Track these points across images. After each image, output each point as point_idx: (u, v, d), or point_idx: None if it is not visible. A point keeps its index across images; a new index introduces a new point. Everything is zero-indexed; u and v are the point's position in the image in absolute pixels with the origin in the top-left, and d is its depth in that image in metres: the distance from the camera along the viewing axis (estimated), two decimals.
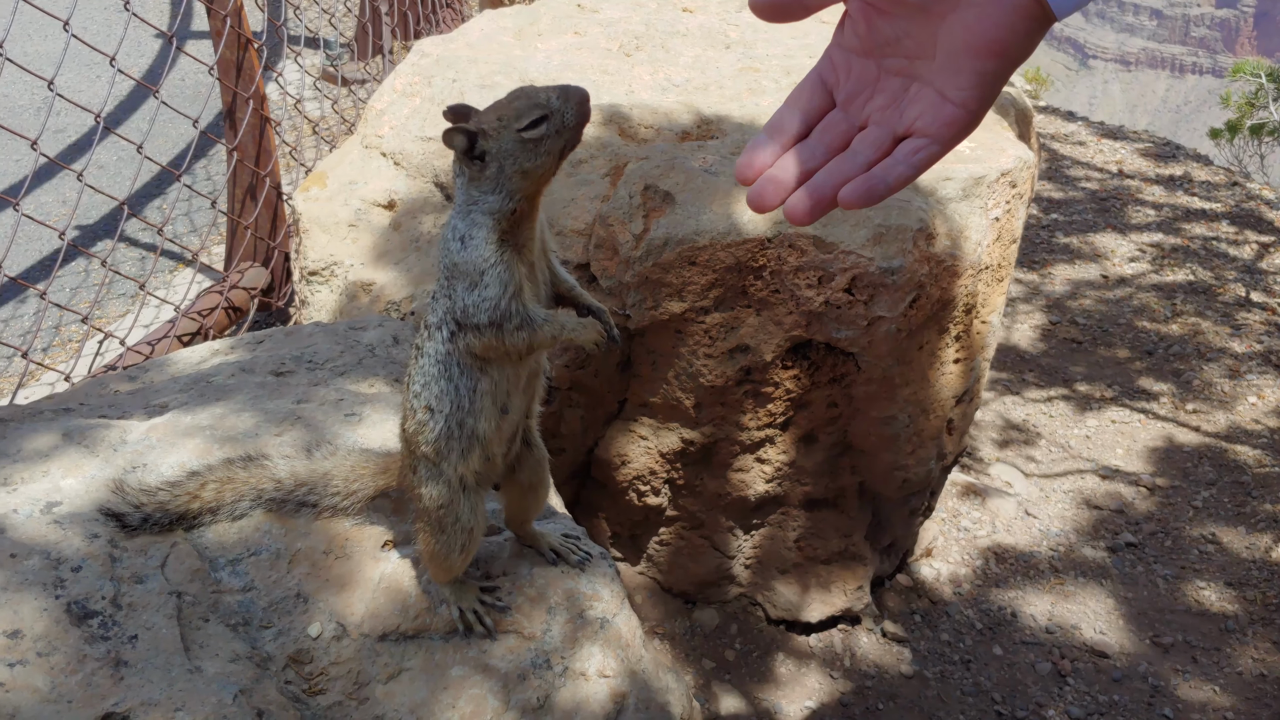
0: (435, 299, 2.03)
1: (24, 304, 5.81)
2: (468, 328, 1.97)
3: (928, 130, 1.23)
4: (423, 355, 2.05)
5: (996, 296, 4.08)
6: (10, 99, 7.87)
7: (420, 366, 2.06)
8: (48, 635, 2.00)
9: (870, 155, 1.26)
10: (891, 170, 1.24)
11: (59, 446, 2.45)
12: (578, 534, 2.54)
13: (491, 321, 1.95)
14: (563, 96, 1.88)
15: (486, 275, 1.94)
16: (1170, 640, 4.43)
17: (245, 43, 5.16)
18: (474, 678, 2.18)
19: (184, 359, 3.18)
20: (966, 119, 1.22)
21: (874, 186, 1.24)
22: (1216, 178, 8.61)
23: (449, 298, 1.98)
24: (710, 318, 3.63)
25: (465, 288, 1.95)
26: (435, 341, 2.02)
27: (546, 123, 1.87)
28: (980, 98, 1.21)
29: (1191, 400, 5.94)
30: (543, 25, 4.76)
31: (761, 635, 4.22)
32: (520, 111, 1.87)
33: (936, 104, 1.22)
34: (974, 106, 1.21)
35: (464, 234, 1.94)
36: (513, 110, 1.88)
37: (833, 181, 1.27)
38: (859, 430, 3.92)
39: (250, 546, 2.29)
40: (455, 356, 2.01)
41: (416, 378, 2.06)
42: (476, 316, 1.95)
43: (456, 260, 1.96)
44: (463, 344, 1.99)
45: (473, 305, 1.95)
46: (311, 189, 4.27)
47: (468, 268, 1.94)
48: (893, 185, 1.24)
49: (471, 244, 1.94)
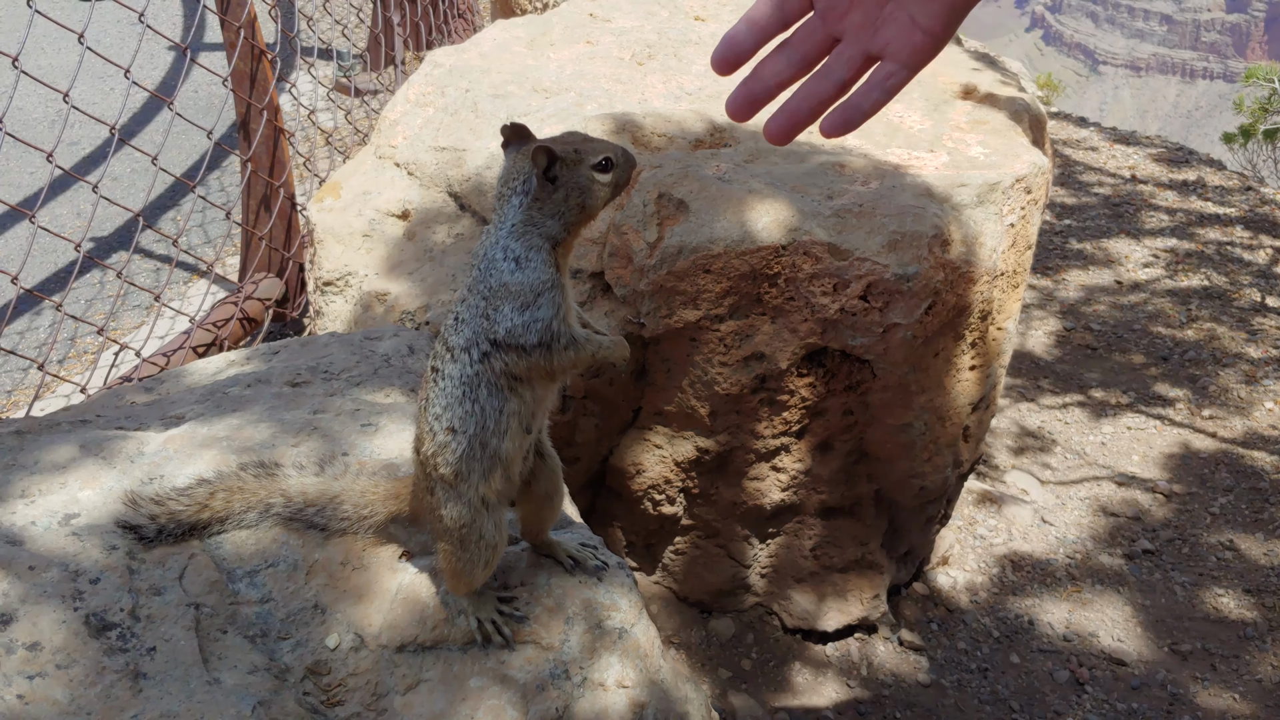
0: (460, 321, 2.04)
1: (40, 316, 5.84)
2: (511, 349, 2.00)
3: (898, 56, 1.32)
4: (444, 378, 2.05)
5: (1012, 303, 4.06)
6: (25, 111, 7.91)
7: (441, 389, 2.05)
8: (67, 647, 2.00)
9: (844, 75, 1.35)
10: (866, 97, 1.34)
11: (76, 458, 2.46)
12: (595, 543, 2.53)
13: (541, 342, 1.99)
14: (623, 155, 2.01)
15: (542, 297, 1.98)
16: (1189, 648, 4.40)
17: (259, 54, 5.18)
18: (492, 688, 2.17)
19: (200, 370, 3.18)
20: (932, 46, 1.31)
21: (851, 116, 1.35)
22: (1230, 182, 8.58)
23: (486, 319, 2.00)
24: (725, 325, 3.62)
25: (515, 308, 1.98)
26: (460, 364, 2.03)
27: (613, 170, 1.99)
28: (946, 26, 1.30)
29: (1208, 406, 5.91)
30: (555, 35, 4.77)
31: (778, 644, 4.20)
32: (596, 150, 1.98)
33: (908, 29, 1.30)
34: (940, 34, 1.30)
35: (519, 255, 1.99)
36: (589, 147, 1.98)
37: (809, 105, 1.36)
38: (875, 438, 3.90)
39: (268, 558, 2.29)
40: (484, 378, 2.02)
41: (437, 400, 2.06)
42: (525, 337, 1.99)
43: (508, 281, 1.99)
44: (499, 365, 2.01)
45: (522, 326, 1.98)
46: (325, 199, 4.28)
47: (521, 289, 1.98)
48: (867, 112, 1.35)
49: (529, 266, 1.98)
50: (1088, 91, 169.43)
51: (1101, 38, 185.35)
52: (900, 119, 4.16)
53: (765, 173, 3.75)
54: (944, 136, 4.06)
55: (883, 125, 4.12)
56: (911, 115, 4.19)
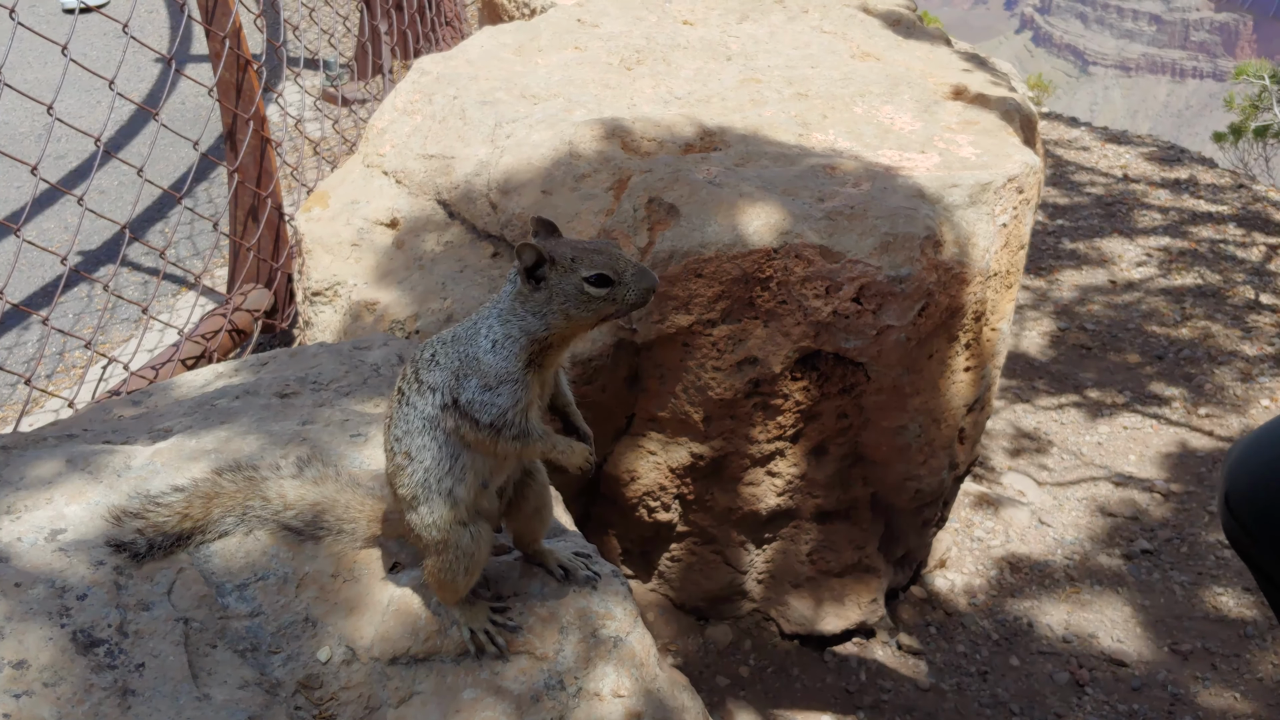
0: (435, 363, 2.03)
1: (27, 330, 5.80)
2: (466, 416, 2.00)
3: None
4: (408, 405, 2.05)
5: (1006, 303, 4.04)
6: (10, 125, 7.88)
7: (404, 414, 2.05)
8: (54, 665, 1.97)
9: None
10: None
11: (62, 473, 2.42)
12: (588, 551, 2.50)
13: (492, 424, 2.00)
14: (638, 277, 1.96)
15: (504, 386, 1.99)
16: (1189, 647, 4.37)
17: (245, 64, 5.15)
18: (487, 700, 2.14)
19: (188, 382, 3.15)
20: None
21: None
22: (1222, 180, 8.58)
23: (457, 379, 2.00)
24: (717, 330, 3.60)
25: (479, 386, 1.99)
26: (427, 401, 2.03)
27: (610, 288, 1.94)
28: None
29: (1204, 404, 5.90)
30: (543, 41, 4.75)
31: (775, 651, 4.17)
32: (595, 264, 1.93)
33: None
34: None
35: (497, 339, 1.99)
36: (588, 258, 1.94)
37: None
38: (870, 441, 3.88)
39: (257, 570, 2.26)
40: (443, 424, 2.03)
41: (399, 423, 2.06)
42: (480, 414, 1.99)
43: (480, 358, 1.99)
44: (452, 423, 2.02)
45: (479, 404, 1.99)
46: (313, 209, 4.25)
47: (488, 371, 1.99)
48: None
49: (500, 353, 1.99)
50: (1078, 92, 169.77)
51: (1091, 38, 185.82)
52: (891, 120, 4.15)
53: (756, 176, 3.73)
54: (935, 137, 4.04)
55: (874, 127, 4.10)
56: (902, 116, 4.17)
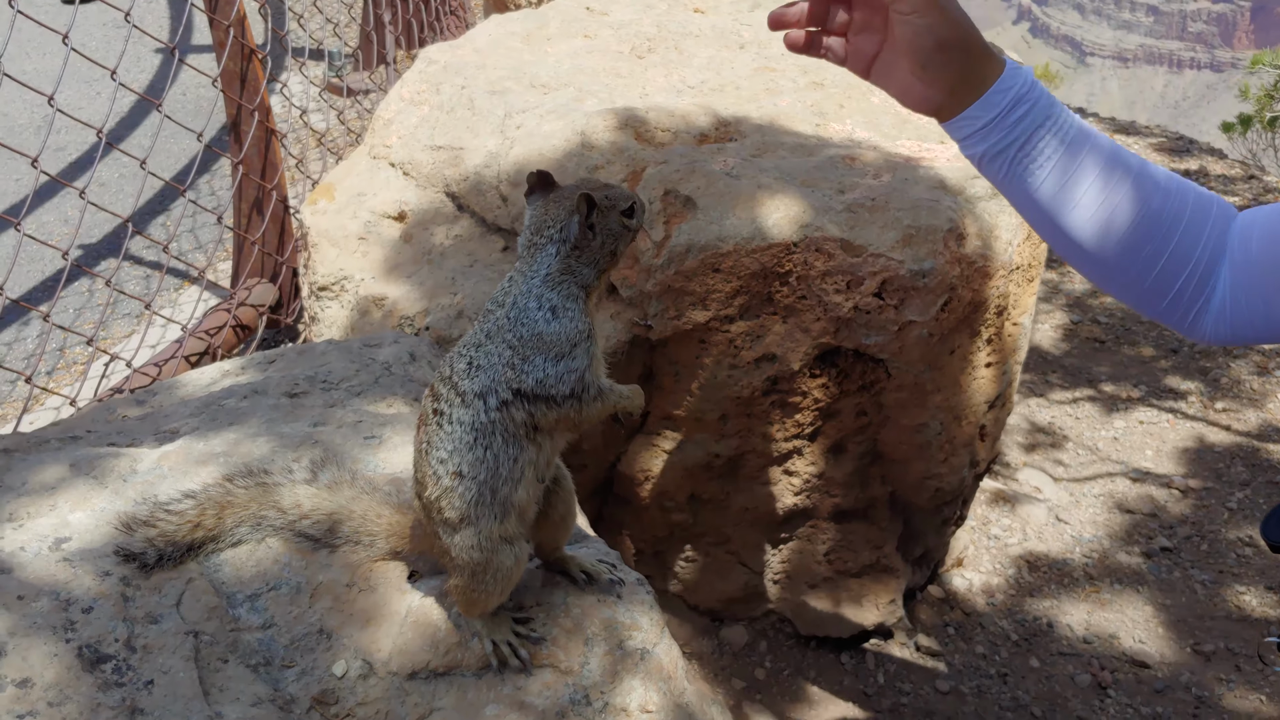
0: (476, 368, 1.93)
1: (27, 326, 5.71)
2: (540, 399, 1.92)
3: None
4: (450, 422, 1.94)
5: (1027, 297, 3.96)
6: (10, 117, 7.78)
7: (448, 433, 1.94)
8: (59, 683, 1.88)
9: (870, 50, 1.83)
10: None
11: (66, 478, 2.34)
12: (612, 558, 2.42)
13: (574, 393, 1.93)
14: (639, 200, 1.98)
15: (578, 348, 1.92)
16: (1212, 648, 4.30)
17: (249, 53, 5.05)
18: (510, 716, 2.05)
19: (193, 381, 3.06)
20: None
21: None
22: (1233, 171, 8.49)
23: (511, 368, 1.91)
24: (735, 326, 3.51)
25: (549, 359, 1.91)
26: (473, 410, 1.92)
27: (636, 215, 1.96)
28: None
29: (1220, 399, 5.81)
30: (552, 29, 4.65)
31: (792, 652, 4.09)
32: (622, 196, 1.94)
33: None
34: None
35: (556, 305, 1.92)
36: (617, 193, 1.94)
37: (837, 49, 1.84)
38: (889, 439, 3.80)
39: (269, 580, 2.17)
40: (500, 426, 1.93)
41: (442, 445, 1.95)
42: (557, 388, 1.92)
43: (543, 331, 1.91)
44: (521, 415, 1.92)
45: (554, 376, 1.91)
46: (319, 202, 4.16)
47: (556, 339, 1.91)
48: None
49: (565, 315, 1.92)
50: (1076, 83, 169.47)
51: (1088, 29, 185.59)
52: (908, 110, 4.05)
53: (774, 167, 3.64)
54: None
55: (891, 116, 4.01)
56: None
